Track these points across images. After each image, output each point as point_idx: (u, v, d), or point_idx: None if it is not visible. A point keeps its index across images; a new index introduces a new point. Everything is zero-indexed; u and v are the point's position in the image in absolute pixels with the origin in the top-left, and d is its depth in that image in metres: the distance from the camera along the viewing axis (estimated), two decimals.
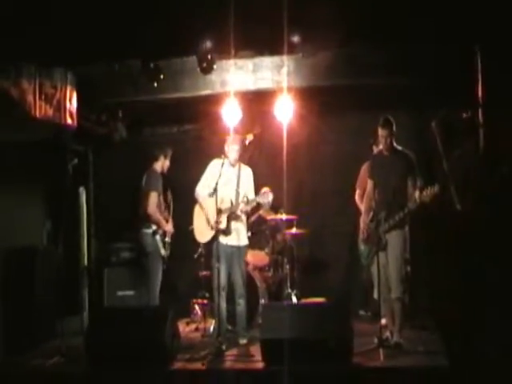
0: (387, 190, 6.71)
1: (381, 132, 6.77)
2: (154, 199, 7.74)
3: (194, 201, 7.62)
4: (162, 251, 7.78)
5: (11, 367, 7.04)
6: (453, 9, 6.56)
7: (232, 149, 7.42)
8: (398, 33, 7.08)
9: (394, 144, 6.84)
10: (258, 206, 7.73)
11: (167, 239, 7.89)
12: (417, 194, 6.44)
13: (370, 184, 7.03)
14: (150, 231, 7.75)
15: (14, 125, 7.52)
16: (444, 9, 6.54)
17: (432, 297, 8.03)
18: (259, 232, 8.77)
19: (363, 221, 7.01)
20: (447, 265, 7.47)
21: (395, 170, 6.74)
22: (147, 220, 7.76)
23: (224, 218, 7.27)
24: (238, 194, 7.37)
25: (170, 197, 8.06)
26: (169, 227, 7.90)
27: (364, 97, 8.32)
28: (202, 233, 7.54)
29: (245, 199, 7.31)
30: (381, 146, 6.92)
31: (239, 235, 7.40)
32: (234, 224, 7.37)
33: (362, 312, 8.49)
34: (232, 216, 7.34)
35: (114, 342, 6.45)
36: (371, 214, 6.93)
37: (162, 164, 8.03)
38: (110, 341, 6.48)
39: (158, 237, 7.75)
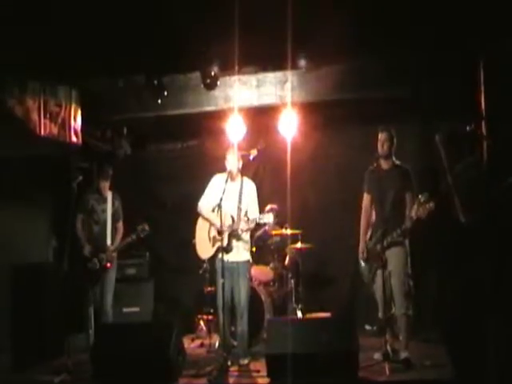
0: (385, 205, 6.70)
1: (380, 136, 6.78)
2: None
3: (197, 215, 7.56)
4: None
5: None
6: (456, 20, 6.58)
7: (231, 159, 7.30)
8: (401, 45, 7.11)
9: (393, 158, 6.85)
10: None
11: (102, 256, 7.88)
12: (413, 210, 6.44)
13: (366, 199, 7.04)
14: None
15: (19, 142, 7.56)
16: (447, 20, 6.56)
17: (437, 310, 8.01)
18: (264, 247, 8.78)
19: (362, 240, 7.00)
20: (451, 277, 7.44)
21: (392, 184, 6.73)
22: None
23: (225, 236, 7.17)
24: (239, 210, 7.25)
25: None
26: (85, 250, 7.87)
27: (368, 110, 8.34)
28: (204, 249, 7.46)
29: (245, 218, 7.22)
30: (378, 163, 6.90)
31: (240, 251, 7.30)
32: (235, 241, 7.27)
33: (367, 326, 8.44)
34: (233, 234, 7.24)
35: (120, 359, 6.43)
36: (370, 231, 6.95)
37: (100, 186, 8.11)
38: (116, 357, 6.47)
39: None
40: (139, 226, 7.96)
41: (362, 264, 7.00)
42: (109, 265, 7.84)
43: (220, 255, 7.08)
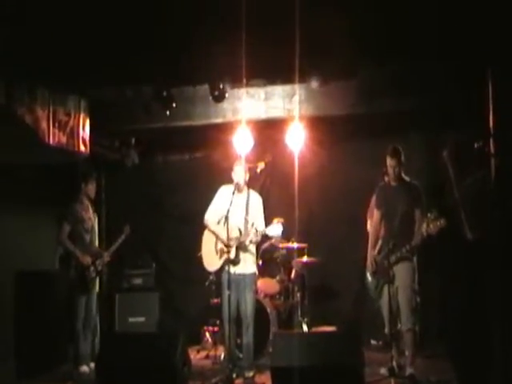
0: (394, 220, 6.72)
1: (389, 161, 6.77)
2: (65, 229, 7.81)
3: (203, 227, 7.57)
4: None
5: None
6: (465, 33, 6.59)
7: (239, 171, 7.33)
8: (410, 59, 7.13)
9: (402, 174, 6.86)
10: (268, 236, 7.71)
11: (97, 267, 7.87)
12: (423, 227, 6.44)
13: (376, 215, 7.04)
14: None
15: (28, 150, 7.60)
16: (456, 33, 6.56)
17: (442, 326, 7.99)
18: (270, 260, 8.77)
19: (370, 254, 6.99)
20: (457, 293, 7.44)
21: (402, 200, 6.73)
22: None
23: (233, 248, 7.17)
24: (246, 222, 7.27)
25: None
26: (84, 259, 7.74)
27: (376, 125, 8.34)
28: (211, 261, 7.46)
29: (254, 230, 7.22)
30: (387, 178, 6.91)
31: (246, 263, 7.31)
32: (242, 253, 7.28)
33: (373, 341, 8.45)
34: (241, 246, 7.25)
35: (125, 368, 6.41)
36: (378, 246, 6.95)
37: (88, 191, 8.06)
38: (121, 367, 6.44)
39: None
40: (124, 227, 8.07)
41: (369, 278, 7.00)
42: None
43: (227, 267, 7.09)
